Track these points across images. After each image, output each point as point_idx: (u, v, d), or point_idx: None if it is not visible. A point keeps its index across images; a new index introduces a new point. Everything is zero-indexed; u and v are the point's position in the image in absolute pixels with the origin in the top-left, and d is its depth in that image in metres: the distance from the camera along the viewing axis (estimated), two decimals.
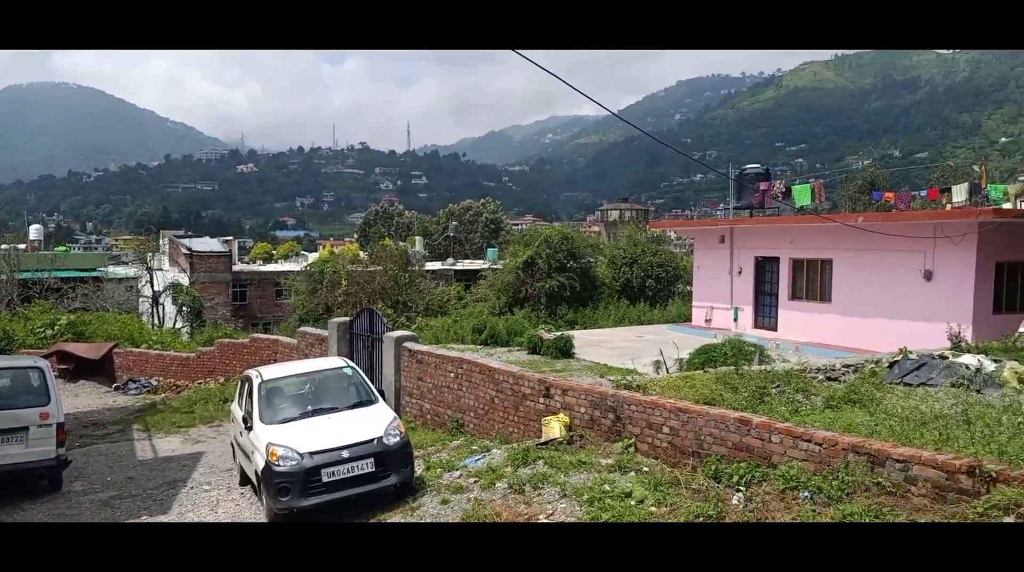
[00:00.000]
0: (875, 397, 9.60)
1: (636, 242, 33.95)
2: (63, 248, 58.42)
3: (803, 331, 19.26)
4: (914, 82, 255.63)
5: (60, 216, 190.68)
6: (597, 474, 7.59)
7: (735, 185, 23.61)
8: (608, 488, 7.11)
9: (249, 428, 8.78)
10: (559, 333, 19.31)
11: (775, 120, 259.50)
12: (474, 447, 9.98)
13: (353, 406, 9.00)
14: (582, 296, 29.36)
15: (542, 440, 8.94)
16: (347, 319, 16.17)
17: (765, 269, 21.49)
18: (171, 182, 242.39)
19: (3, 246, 41.72)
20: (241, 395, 9.81)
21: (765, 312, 21.40)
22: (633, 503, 6.74)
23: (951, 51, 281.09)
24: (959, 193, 20.86)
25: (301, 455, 7.91)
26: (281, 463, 7.82)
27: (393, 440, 8.25)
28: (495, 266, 37.66)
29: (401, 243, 43.31)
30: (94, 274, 40.65)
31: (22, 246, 48.76)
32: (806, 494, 6.09)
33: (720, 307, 22.74)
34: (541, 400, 9.86)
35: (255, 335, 21.78)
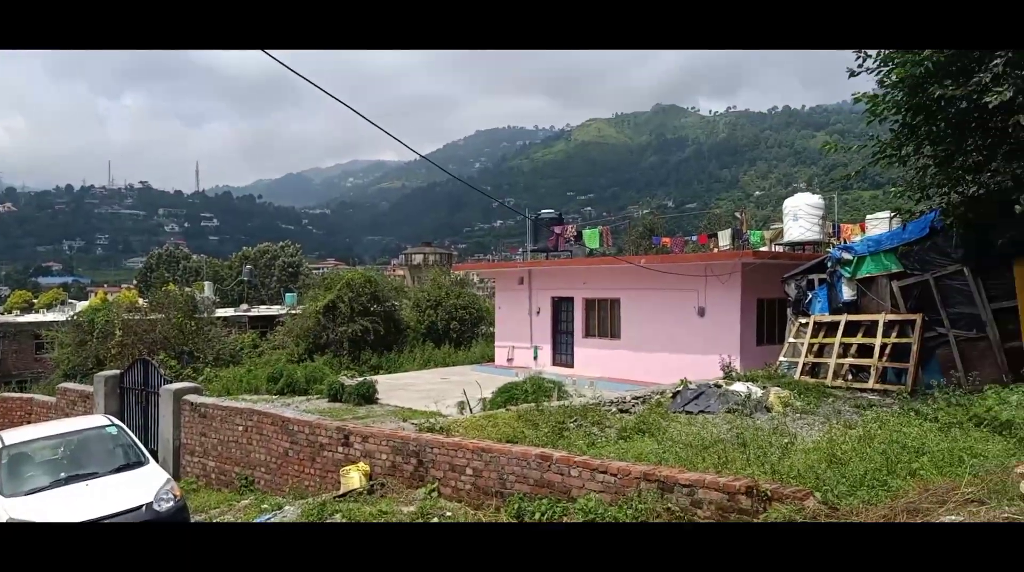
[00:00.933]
0: (661, 426, 10.16)
1: (440, 285, 34.14)
2: None
3: (597, 367, 20.22)
4: (682, 141, 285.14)
5: None
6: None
7: (532, 229, 24.57)
8: None
9: None
10: (362, 378, 18.69)
11: (566, 171, 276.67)
12: (264, 505, 9.17)
13: (118, 470, 7.90)
14: (387, 340, 28.83)
15: (340, 492, 8.41)
16: (117, 372, 14.43)
17: (561, 308, 22.42)
18: None
19: None
20: None
21: (562, 349, 22.26)
22: None
23: (711, 113, 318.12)
24: (724, 238, 23.26)
25: None
26: None
27: (166, 505, 7.32)
28: (294, 311, 36.00)
29: (187, 289, 40.01)
30: None
31: None
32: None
33: (521, 346, 23.32)
34: (340, 449, 9.32)
35: (3, 394, 18.82)
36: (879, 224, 17.36)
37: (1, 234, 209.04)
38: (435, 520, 7.31)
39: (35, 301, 53.16)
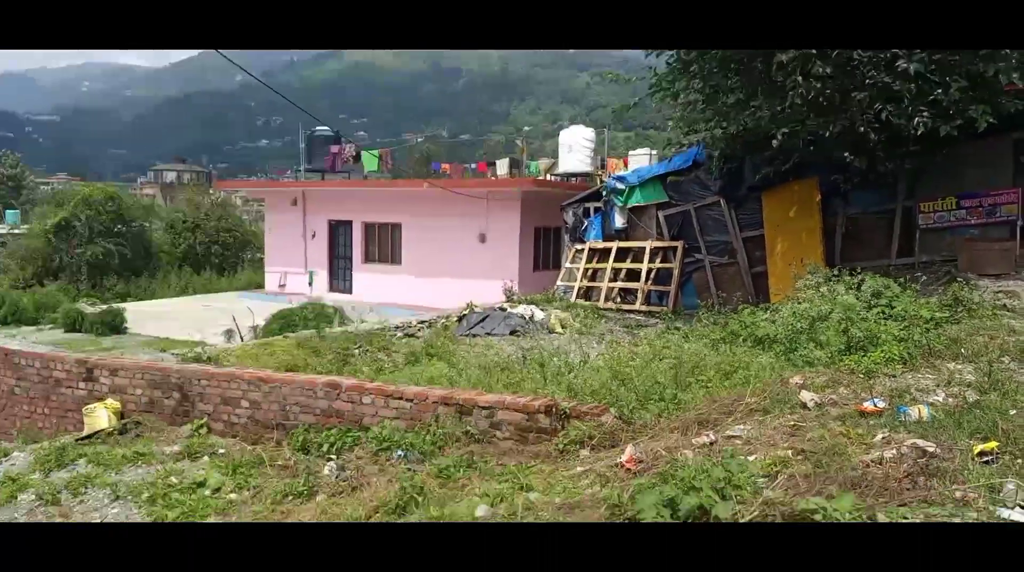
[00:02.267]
0: (450, 349, 10.04)
1: (198, 206, 31.21)
2: None
3: (378, 293, 19.70)
4: (457, 71, 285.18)
5: None
6: (160, 465, 6.34)
7: (307, 147, 22.97)
8: (175, 480, 5.96)
9: None
10: (106, 306, 16.48)
11: (338, 92, 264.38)
12: None
13: None
14: (135, 265, 25.90)
15: (84, 434, 7.22)
16: None
17: (339, 232, 21.42)
18: None
19: None
20: None
21: (340, 275, 21.39)
22: (208, 493, 5.74)
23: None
24: (503, 166, 23.55)
25: None
26: None
27: None
28: (16, 231, 30.95)
29: None
30: None
31: None
32: (400, 453, 5.87)
33: (295, 272, 22.01)
34: (82, 385, 8.00)
35: None
36: (640, 159, 18.51)
37: None
38: (205, 457, 6.52)
39: None
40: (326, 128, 22.86)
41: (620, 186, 13.75)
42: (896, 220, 10.89)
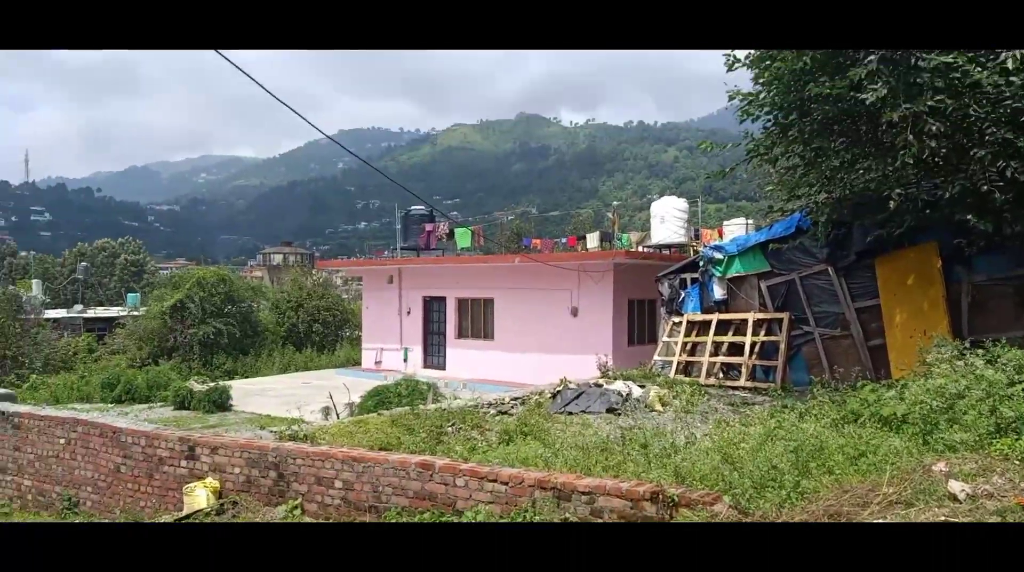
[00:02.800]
0: (544, 428, 9.69)
1: (301, 286, 32.46)
2: None
3: (470, 368, 19.63)
4: (545, 150, 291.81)
5: None
6: None
7: (402, 226, 23.63)
8: None
9: None
10: (214, 384, 17.07)
11: (432, 175, 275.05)
12: None
13: None
14: (242, 343, 26.92)
15: (183, 514, 7.25)
16: None
17: (433, 308, 21.66)
18: None
19: None
20: None
21: (434, 351, 21.50)
22: None
23: (572, 124, 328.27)
24: (593, 239, 23.39)
25: None
26: None
27: None
28: (136, 313, 32.98)
29: (11, 287, 35.64)
30: None
31: None
32: None
33: (390, 348, 22.31)
34: (183, 463, 8.10)
35: None
36: (735, 229, 17.97)
37: None
38: None
39: None
40: (421, 207, 23.52)
41: (718, 255, 13.28)
42: None
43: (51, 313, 35.89)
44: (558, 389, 11.76)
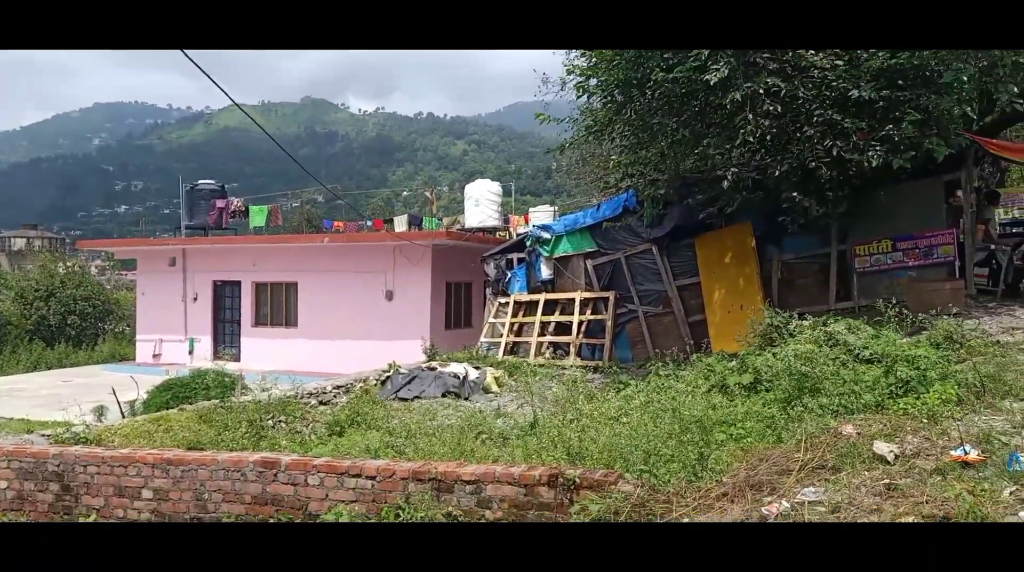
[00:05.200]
0: (379, 416, 8.83)
1: (52, 274, 28.05)
2: None
3: (270, 359, 17.90)
4: (333, 136, 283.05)
5: None
6: None
7: (187, 202, 21.03)
8: None
9: None
10: None
11: (206, 156, 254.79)
12: None
13: None
14: None
15: None
16: None
17: (225, 294, 19.54)
18: None
19: None
20: None
21: (226, 341, 19.42)
22: None
23: (361, 112, 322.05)
24: (401, 223, 22.55)
25: None
26: None
27: None
28: None
29: None
30: None
31: None
32: None
33: (172, 339, 19.79)
34: None
35: None
36: (542, 216, 18.14)
37: None
38: None
39: None
40: (211, 181, 21.11)
41: (546, 235, 13.12)
42: (832, 265, 10.81)
43: None
44: (387, 374, 10.89)
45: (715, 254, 11.54)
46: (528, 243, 13.46)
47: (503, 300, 13.48)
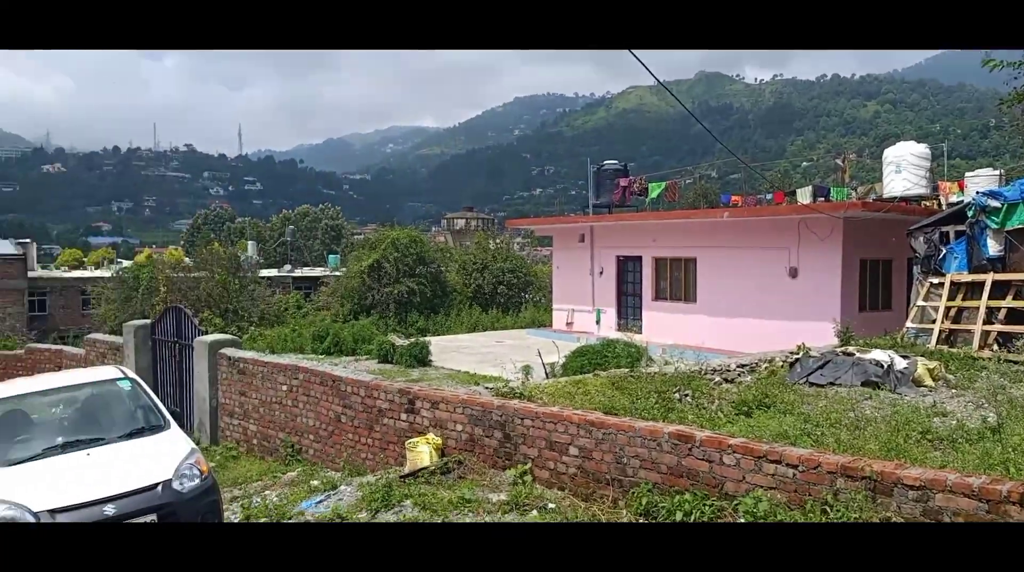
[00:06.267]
0: (787, 400, 8.35)
1: (486, 249, 32.64)
2: None
3: (669, 333, 18.34)
4: (727, 109, 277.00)
5: None
6: (488, 516, 5.57)
7: (594, 182, 22.57)
8: None
9: None
10: (413, 339, 17.17)
11: (606, 139, 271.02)
12: (314, 481, 7.63)
13: (130, 435, 6.29)
14: (433, 302, 27.42)
15: (407, 470, 6.79)
16: (148, 322, 13.04)
17: (627, 269, 20.54)
18: None
19: None
20: None
21: (628, 313, 20.43)
22: None
23: (757, 81, 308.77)
24: (804, 195, 21.01)
25: (36, 515, 5.19)
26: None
27: (189, 484, 5.69)
28: (337, 273, 34.83)
29: (231, 248, 39.06)
30: None
31: None
32: None
33: (582, 309, 21.54)
34: (403, 416, 7.69)
35: (32, 345, 17.73)
36: (983, 181, 15.14)
37: (53, 194, 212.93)
38: (534, 512, 5.64)
39: (85, 259, 52.96)
40: (615, 162, 22.31)
41: (994, 203, 10.99)
42: None
43: (265, 273, 39.03)
44: (796, 356, 10.28)
45: None
46: (970, 214, 11.42)
47: (935, 280, 11.68)
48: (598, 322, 20.84)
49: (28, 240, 49.25)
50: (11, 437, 6.07)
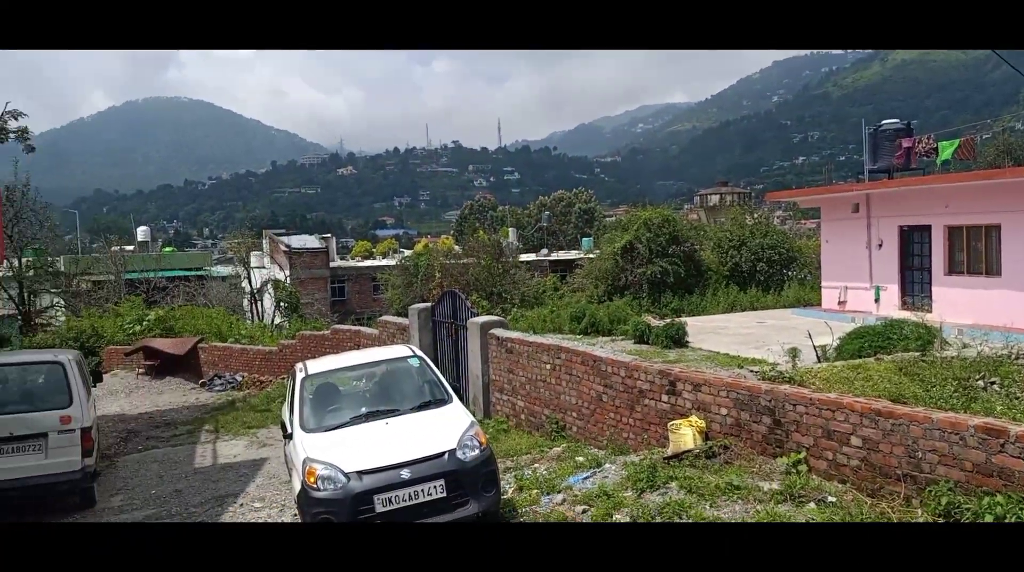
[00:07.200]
0: None
1: (742, 225, 31.09)
2: (169, 249, 60.22)
3: (966, 311, 16.06)
4: None
5: (178, 223, 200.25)
6: (759, 505, 5.34)
7: (870, 144, 20.37)
8: None
9: (288, 436, 6.96)
10: (669, 320, 16.97)
11: (882, 96, 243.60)
12: (579, 458, 7.88)
13: (419, 407, 7.01)
14: (687, 282, 26.81)
15: (670, 452, 6.74)
16: (428, 305, 14.38)
17: (912, 240, 18.31)
18: (278, 187, 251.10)
19: (114, 248, 42.98)
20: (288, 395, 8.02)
21: (914, 290, 18.23)
22: None
23: None
24: None
25: (347, 476, 6.00)
26: (321, 486, 5.93)
27: (470, 454, 6.20)
28: (591, 255, 35.57)
29: (494, 235, 41.76)
30: (199, 273, 41.28)
31: (130, 248, 50.34)
32: None
33: (857, 286, 19.66)
34: (664, 398, 7.64)
35: (336, 326, 20.47)
36: None
37: (346, 194, 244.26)
38: (811, 505, 5.29)
39: (373, 250, 60.08)
40: (895, 121, 19.95)
41: None
42: None
43: (524, 257, 41.15)
44: None
45: None
46: None
47: None
48: (877, 300, 18.89)
49: (329, 234, 57.14)
50: (325, 407, 7.09)
